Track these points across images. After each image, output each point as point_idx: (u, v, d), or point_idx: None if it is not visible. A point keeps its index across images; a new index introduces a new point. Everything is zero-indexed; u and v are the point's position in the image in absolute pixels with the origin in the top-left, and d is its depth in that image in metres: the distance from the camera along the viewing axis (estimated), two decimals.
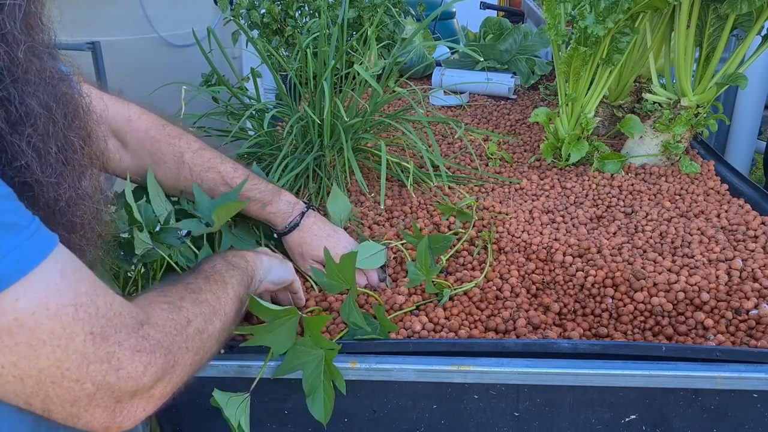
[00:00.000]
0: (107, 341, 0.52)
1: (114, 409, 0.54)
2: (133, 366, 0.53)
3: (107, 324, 0.52)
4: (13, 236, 0.47)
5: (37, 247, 0.49)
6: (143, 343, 0.55)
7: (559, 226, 1.24)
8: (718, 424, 0.90)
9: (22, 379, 0.49)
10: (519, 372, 0.87)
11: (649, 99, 1.50)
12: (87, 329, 0.51)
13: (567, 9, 1.46)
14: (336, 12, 1.64)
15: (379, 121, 1.45)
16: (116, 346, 0.53)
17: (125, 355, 0.53)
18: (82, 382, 0.51)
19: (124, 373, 0.53)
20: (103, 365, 0.52)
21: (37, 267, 0.48)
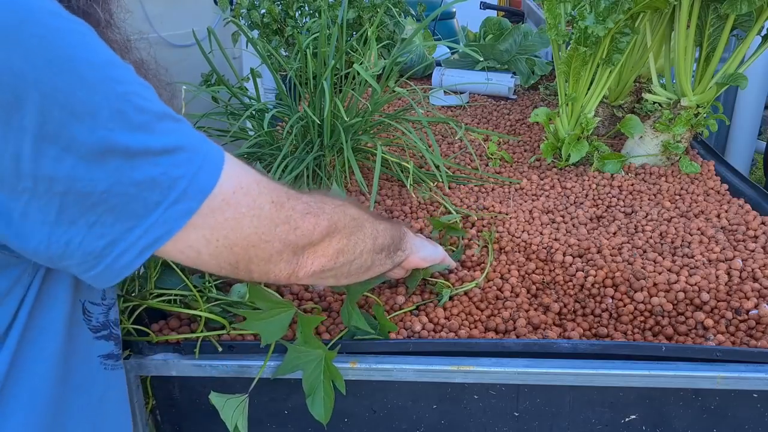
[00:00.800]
0: (284, 207, 0.63)
1: (293, 262, 0.66)
2: (305, 225, 0.65)
3: (280, 193, 0.64)
4: (205, 143, 0.58)
5: (218, 148, 0.59)
6: (307, 207, 0.66)
7: (559, 226, 1.24)
8: (718, 424, 0.90)
9: (231, 247, 0.60)
10: (519, 372, 0.87)
11: (649, 99, 1.50)
12: (269, 199, 0.62)
13: (567, 9, 1.46)
14: (336, 12, 1.64)
15: (379, 121, 1.45)
16: (290, 210, 0.64)
17: (299, 216, 0.65)
18: (272, 242, 0.62)
19: (300, 232, 0.65)
20: (285, 226, 0.63)
21: (225, 159, 0.59)
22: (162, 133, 0.53)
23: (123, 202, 0.52)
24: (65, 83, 0.48)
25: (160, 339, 0.91)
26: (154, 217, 0.54)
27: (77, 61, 0.49)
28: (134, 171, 0.52)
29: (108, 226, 0.53)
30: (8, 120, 0.47)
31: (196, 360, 0.88)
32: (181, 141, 0.55)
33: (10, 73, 0.46)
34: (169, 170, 0.54)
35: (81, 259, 0.54)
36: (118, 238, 0.53)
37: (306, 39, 1.40)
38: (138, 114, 0.52)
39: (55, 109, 0.48)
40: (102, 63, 0.51)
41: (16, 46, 0.46)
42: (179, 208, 0.55)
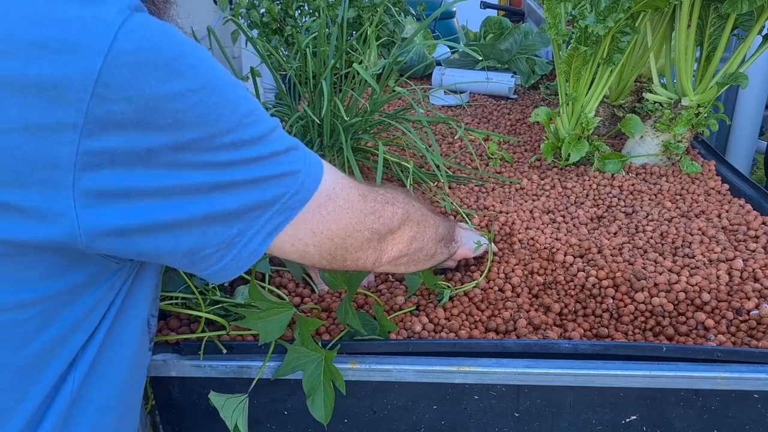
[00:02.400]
0: (368, 198, 0.70)
1: (378, 249, 0.73)
2: (387, 214, 0.72)
3: (363, 188, 0.71)
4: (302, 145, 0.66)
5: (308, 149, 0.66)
6: (385, 198, 0.73)
7: (559, 226, 1.24)
8: (718, 424, 0.90)
9: (332, 238, 0.67)
10: (519, 372, 0.87)
11: (650, 99, 1.49)
12: (357, 192, 0.69)
13: (567, 8, 1.46)
14: (335, 11, 1.64)
15: (378, 120, 1.45)
16: (374, 201, 0.71)
17: (380, 207, 0.72)
18: (363, 231, 0.69)
19: (383, 220, 0.72)
20: (371, 216, 0.70)
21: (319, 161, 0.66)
22: (280, 139, 0.62)
23: (255, 194, 0.59)
24: (214, 105, 0.56)
25: (159, 339, 0.90)
26: (277, 206, 0.61)
27: (219, 84, 0.57)
28: (265, 168, 0.60)
29: (243, 213, 0.60)
30: (170, 139, 0.53)
31: (196, 360, 0.88)
32: (291, 142, 0.63)
33: (172, 98, 0.53)
34: (290, 167, 0.62)
35: (215, 248, 0.60)
36: (248, 226, 0.60)
37: (305, 38, 1.40)
38: (263, 125, 0.60)
39: (207, 128, 0.55)
40: (233, 84, 0.59)
41: (177, 75, 0.53)
42: (298, 199, 0.62)
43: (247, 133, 0.58)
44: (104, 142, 0.51)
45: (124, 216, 0.54)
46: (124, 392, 0.69)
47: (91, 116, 0.50)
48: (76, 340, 0.61)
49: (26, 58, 0.48)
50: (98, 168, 0.52)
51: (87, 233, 0.53)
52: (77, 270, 0.58)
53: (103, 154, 0.51)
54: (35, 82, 0.49)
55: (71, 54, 0.49)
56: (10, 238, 0.52)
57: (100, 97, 0.50)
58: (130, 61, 0.51)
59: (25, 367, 0.59)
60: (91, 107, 0.50)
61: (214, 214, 0.58)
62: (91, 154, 0.51)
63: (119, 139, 0.51)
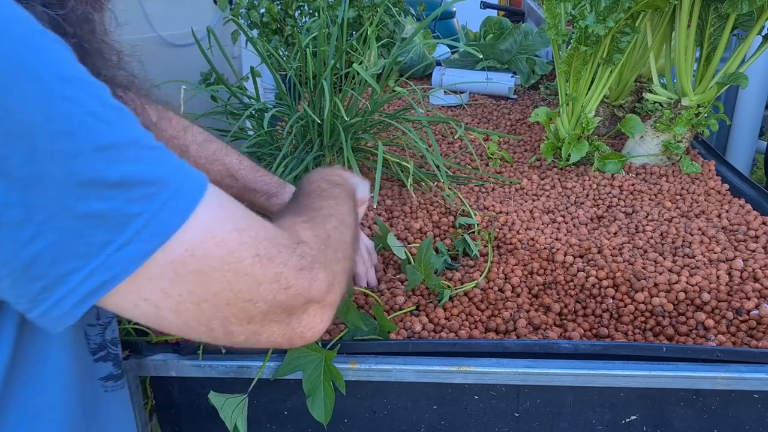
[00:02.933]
0: (273, 262, 0.54)
1: (289, 323, 0.57)
2: (299, 283, 0.55)
3: (269, 245, 0.54)
4: (179, 177, 0.50)
5: (197, 182, 0.51)
6: (303, 261, 0.56)
7: (559, 226, 1.24)
8: (718, 424, 0.90)
9: (198, 304, 0.51)
10: (519, 372, 0.87)
11: (650, 99, 1.49)
12: (252, 252, 0.53)
13: (567, 8, 1.46)
14: (335, 11, 1.64)
15: (379, 120, 1.45)
16: (281, 266, 0.54)
17: (291, 274, 0.55)
18: (254, 302, 0.53)
19: (293, 291, 0.55)
20: (272, 285, 0.54)
21: (204, 198, 0.50)
22: (121, 162, 0.45)
23: (64, 239, 0.44)
24: (15, 93, 0.42)
25: (159, 339, 0.90)
26: (99, 259, 0.46)
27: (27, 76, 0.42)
28: (79, 203, 0.44)
29: (45, 267, 0.45)
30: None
31: (196, 360, 0.88)
32: (144, 173, 0.47)
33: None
34: (122, 206, 0.46)
35: (14, 301, 0.47)
36: (56, 282, 0.46)
37: (305, 38, 1.40)
38: (93, 138, 0.44)
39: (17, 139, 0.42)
40: (68, 78, 0.45)
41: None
42: (130, 251, 0.46)
43: (56, 142, 0.43)
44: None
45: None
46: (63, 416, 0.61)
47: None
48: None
49: None
50: None
51: None
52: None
53: None
54: None
55: None
56: None
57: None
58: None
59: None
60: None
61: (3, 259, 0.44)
62: None
63: None
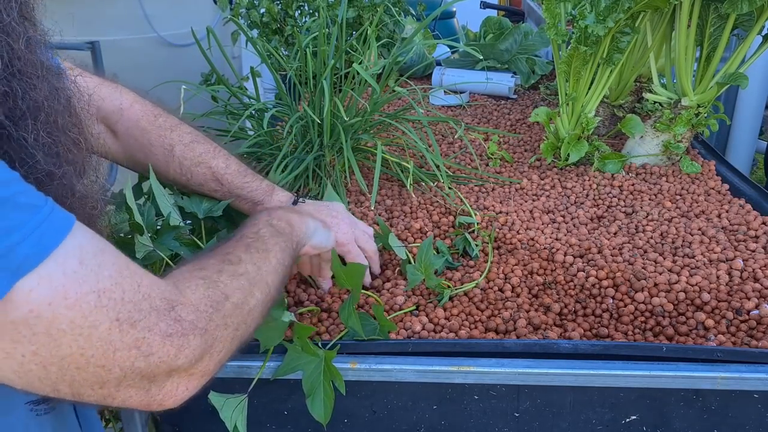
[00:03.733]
0: (135, 327, 0.50)
1: (149, 389, 0.53)
2: (165, 350, 0.51)
3: (134, 309, 0.50)
4: (30, 217, 0.45)
5: (54, 227, 0.47)
6: (175, 326, 0.52)
7: (559, 226, 1.24)
8: (718, 424, 0.90)
9: (44, 366, 0.48)
10: (519, 372, 0.87)
11: (650, 99, 1.49)
12: (112, 316, 0.48)
13: (567, 8, 1.46)
14: (335, 11, 1.64)
15: (379, 120, 1.45)
16: (145, 331, 0.50)
17: (155, 341, 0.51)
18: (108, 368, 0.49)
19: (155, 359, 0.51)
20: (131, 352, 0.50)
21: (54, 251, 0.46)
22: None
23: None
24: None
25: None
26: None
27: None
28: None
29: None
30: None
31: None
32: None
33: None
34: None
35: None
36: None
37: (305, 38, 1.40)
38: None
39: None
40: None
41: None
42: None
43: None
44: None
45: None
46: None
47: None
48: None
49: None
50: None
51: None
52: None
53: None
54: None
55: None
56: None
57: None
58: None
59: None
60: None
61: None
62: None
63: None
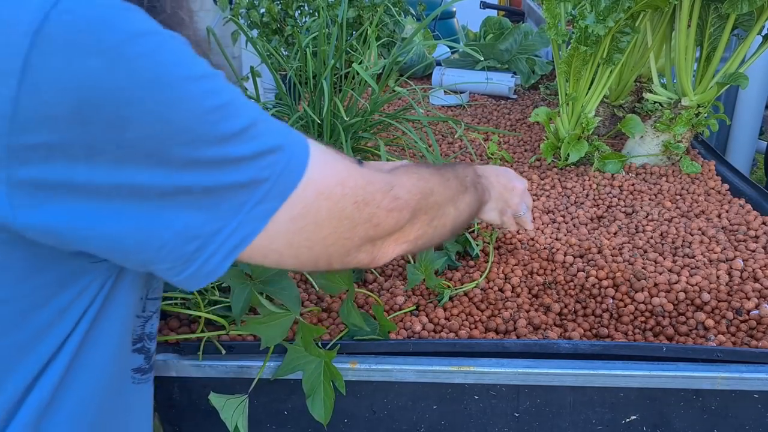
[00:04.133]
0: (369, 205, 0.63)
1: (373, 251, 0.67)
2: (388, 222, 0.66)
3: (365, 191, 0.63)
4: (290, 141, 0.57)
5: (304, 145, 0.59)
6: (394, 203, 0.66)
7: (559, 226, 1.24)
8: (718, 424, 0.90)
9: (311, 248, 0.61)
10: (519, 372, 0.87)
11: (650, 99, 1.49)
12: (352, 200, 0.61)
13: (567, 8, 1.46)
14: (335, 11, 1.64)
15: (379, 120, 1.45)
16: (375, 208, 0.64)
17: (382, 213, 0.65)
18: (352, 239, 0.63)
19: (382, 228, 0.65)
20: (366, 225, 0.63)
21: (310, 157, 0.58)
22: (252, 139, 0.54)
23: (213, 205, 0.53)
24: (166, 100, 0.49)
25: (159, 339, 0.90)
26: (239, 218, 0.54)
27: (177, 76, 0.49)
28: (225, 176, 0.52)
29: (197, 229, 0.53)
30: (112, 136, 0.48)
31: (196, 360, 0.88)
32: (267, 143, 0.55)
33: (117, 90, 0.47)
34: (256, 173, 0.54)
35: (171, 264, 0.54)
36: (208, 241, 0.54)
37: (305, 38, 1.40)
38: (231, 124, 0.52)
39: (156, 125, 0.48)
40: (199, 75, 0.51)
41: (122, 63, 0.46)
42: (262, 209, 0.55)
43: (210, 133, 0.51)
44: (39, 137, 0.46)
45: (65, 215, 0.49)
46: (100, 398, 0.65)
47: (21, 107, 0.44)
48: (48, 346, 0.58)
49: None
50: (35, 163, 0.47)
51: (28, 230, 0.49)
52: (44, 271, 0.54)
53: (38, 149, 0.46)
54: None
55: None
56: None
57: (30, 85, 0.44)
58: (64, 44, 0.44)
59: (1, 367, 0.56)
60: (20, 97, 0.44)
61: (166, 227, 0.52)
62: (24, 149, 0.46)
63: (56, 133, 0.46)
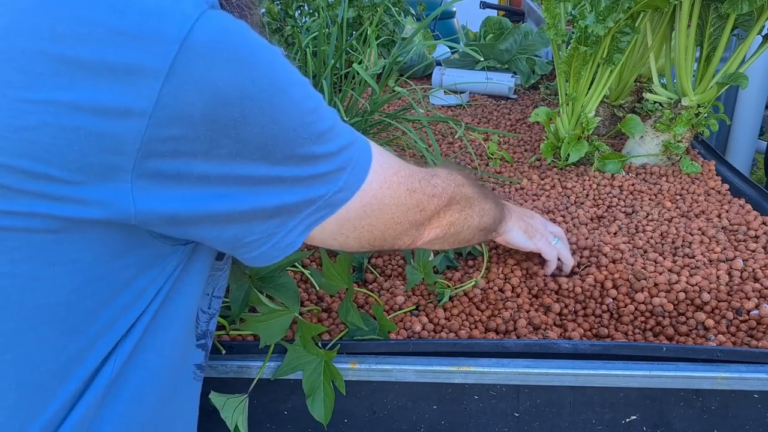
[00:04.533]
0: (416, 192, 0.73)
1: (414, 234, 0.77)
2: (431, 207, 0.76)
3: (413, 180, 0.72)
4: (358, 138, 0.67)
5: (366, 142, 0.68)
6: (434, 190, 0.76)
7: (559, 226, 1.23)
8: (718, 424, 0.90)
9: (372, 231, 0.70)
10: (519, 372, 0.87)
11: (650, 99, 1.49)
12: (405, 188, 0.71)
13: (567, 8, 1.46)
14: (335, 11, 1.64)
15: (379, 120, 1.45)
16: (420, 194, 0.73)
17: (426, 199, 0.74)
18: (402, 224, 0.73)
19: (425, 213, 0.75)
20: (414, 209, 0.73)
21: (373, 153, 0.67)
22: (335, 138, 0.63)
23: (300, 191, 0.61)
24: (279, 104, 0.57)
25: None
26: (319, 203, 0.63)
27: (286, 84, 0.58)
28: (314, 168, 0.61)
29: (283, 208, 0.61)
30: (232, 133, 0.55)
31: None
32: (345, 140, 0.64)
33: (244, 94, 0.54)
34: (337, 166, 0.63)
35: (257, 236, 0.62)
36: (288, 219, 0.62)
37: (305, 38, 1.40)
38: (321, 125, 0.61)
39: (269, 125, 0.56)
40: (299, 83, 0.59)
41: (249, 71, 0.54)
42: (340, 197, 0.64)
43: (306, 132, 0.59)
44: (170, 132, 0.52)
45: (178, 201, 0.56)
46: (160, 381, 0.68)
47: (160, 105, 0.51)
48: (123, 324, 0.62)
49: (105, 43, 0.49)
50: (161, 156, 0.53)
51: (142, 216, 0.55)
52: (132, 253, 0.59)
53: (167, 143, 0.52)
54: (111, 66, 0.49)
55: (148, 41, 0.50)
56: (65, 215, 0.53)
57: (172, 86, 0.50)
58: (205, 53, 0.51)
59: (73, 350, 0.59)
60: (161, 96, 0.50)
61: (261, 209, 0.60)
62: (155, 142, 0.52)
63: (186, 129, 0.52)
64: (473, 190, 0.85)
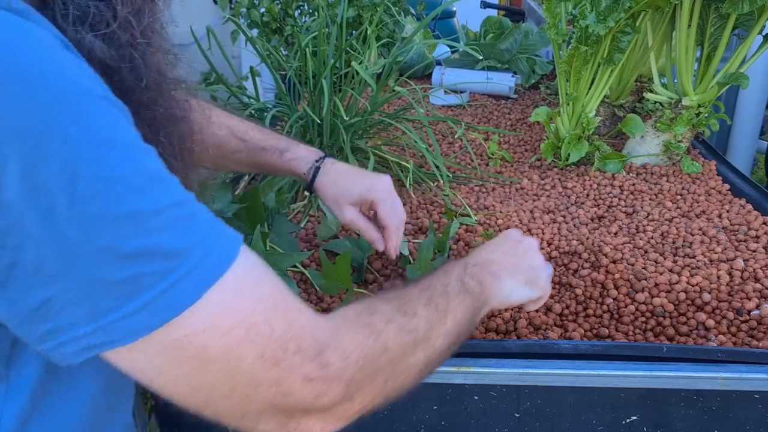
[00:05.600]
0: (278, 366, 0.49)
1: (286, 424, 0.52)
2: (303, 394, 0.50)
3: (280, 348, 0.49)
4: (200, 250, 0.46)
5: (220, 258, 0.48)
6: (319, 371, 0.51)
7: (560, 226, 1.23)
8: (719, 425, 0.89)
9: (194, 390, 0.49)
10: (520, 373, 0.87)
11: (651, 98, 1.49)
12: (257, 352, 0.48)
13: (567, 8, 1.46)
14: (335, 11, 1.63)
15: (379, 120, 1.44)
16: (287, 372, 0.49)
17: (295, 382, 0.50)
18: (250, 400, 0.49)
19: (293, 399, 0.50)
20: (272, 389, 0.49)
21: (217, 281, 0.47)
22: (141, 233, 0.44)
23: (73, 293, 0.44)
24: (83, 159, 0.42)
25: None
26: (101, 322, 0.45)
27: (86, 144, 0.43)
28: (92, 267, 0.43)
29: (54, 312, 0.44)
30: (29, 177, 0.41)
31: None
32: (164, 245, 0.45)
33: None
34: (134, 278, 0.44)
35: (23, 334, 0.46)
36: (63, 328, 0.45)
37: (305, 38, 1.40)
38: (116, 205, 0.44)
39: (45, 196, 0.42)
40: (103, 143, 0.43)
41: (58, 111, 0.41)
42: (132, 323, 0.45)
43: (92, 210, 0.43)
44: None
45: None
46: None
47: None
48: None
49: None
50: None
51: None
52: None
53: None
54: None
55: None
56: None
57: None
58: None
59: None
60: None
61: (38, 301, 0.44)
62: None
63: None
64: (406, 337, 0.59)
